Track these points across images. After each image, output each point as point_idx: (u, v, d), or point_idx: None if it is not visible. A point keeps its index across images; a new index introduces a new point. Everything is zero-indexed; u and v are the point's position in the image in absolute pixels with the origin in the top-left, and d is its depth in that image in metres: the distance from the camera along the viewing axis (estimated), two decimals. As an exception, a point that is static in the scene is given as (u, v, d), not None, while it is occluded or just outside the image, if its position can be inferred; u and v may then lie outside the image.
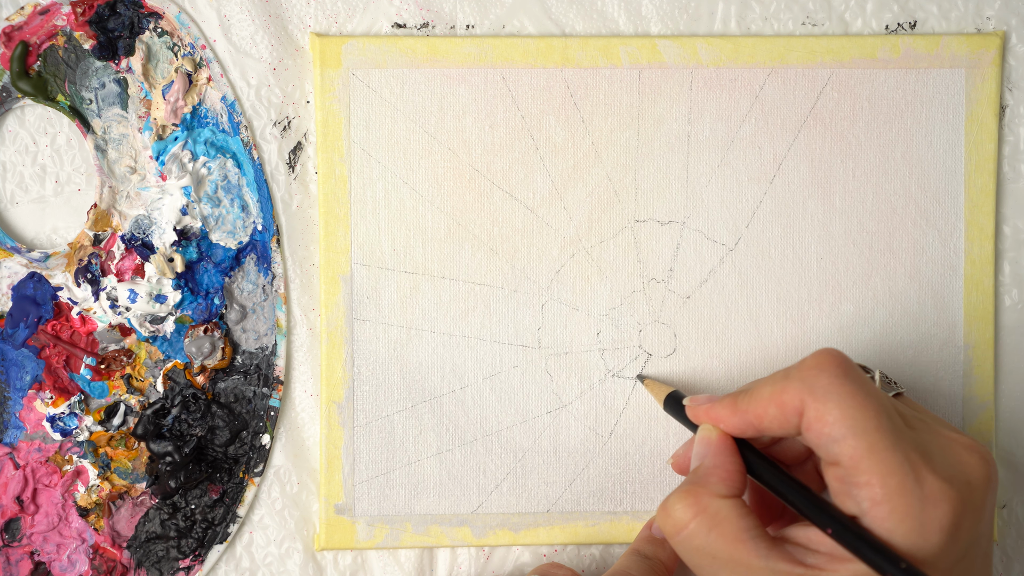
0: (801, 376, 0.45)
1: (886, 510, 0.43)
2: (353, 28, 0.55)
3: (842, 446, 0.43)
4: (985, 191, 0.56)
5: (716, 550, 0.45)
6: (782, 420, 0.45)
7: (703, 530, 0.45)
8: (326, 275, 0.55)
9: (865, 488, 0.43)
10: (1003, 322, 0.57)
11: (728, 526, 0.45)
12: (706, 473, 0.47)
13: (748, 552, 0.45)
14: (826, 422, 0.44)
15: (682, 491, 0.46)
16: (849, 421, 0.43)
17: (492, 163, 0.55)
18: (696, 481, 0.47)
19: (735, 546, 0.45)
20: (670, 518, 0.46)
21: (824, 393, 0.44)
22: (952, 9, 0.56)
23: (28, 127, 0.55)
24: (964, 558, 0.44)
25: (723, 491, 0.46)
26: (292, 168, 0.55)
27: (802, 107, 0.55)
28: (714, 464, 0.47)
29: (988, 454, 0.45)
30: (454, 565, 0.56)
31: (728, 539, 0.45)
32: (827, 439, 0.44)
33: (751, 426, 0.47)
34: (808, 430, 0.44)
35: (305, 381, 0.56)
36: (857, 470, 0.43)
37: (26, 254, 0.55)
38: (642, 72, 0.55)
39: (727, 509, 0.46)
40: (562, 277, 0.55)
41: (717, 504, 0.46)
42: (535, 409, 0.55)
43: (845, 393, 0.44)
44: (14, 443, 0.55)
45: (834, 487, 0.44)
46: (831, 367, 0.45)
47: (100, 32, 0.54)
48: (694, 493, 0.46)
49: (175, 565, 0.55)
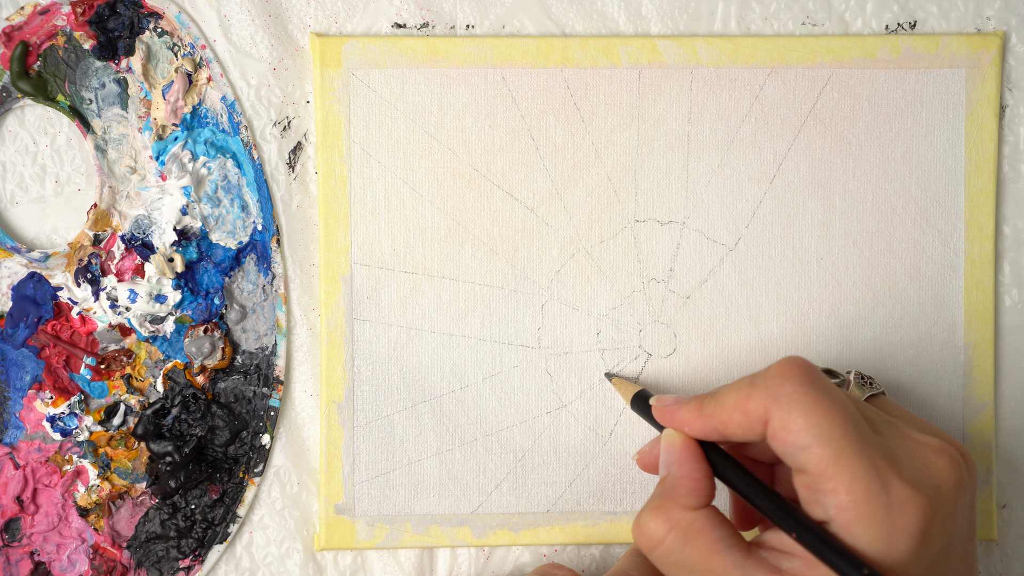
0: (766, 384, 0.45)
1: (852, 516, 0.43)
2: (353, 28, 0.55)
3: (808, 454, 0.43)
4: (985, 191, 0.56)
5: (692, 563, 0.45)
6: (747, 427, 0.45)
7: (678, 545, 0.45)
8: (326, 275, 0.55)
9: (831, 495, 0.43)
10: (1003, 322, 0.57)
11: (702, 538, 0.45)
12: (674, 485, 0.47)
13: (724, 563, 0.45)
14: (791, 431, 0.44)
15: (653, 507, 0.46)
16: (814, 429, 0.43)
17: (492, 163, 0.55)
18: (665, 495, 0.47)
19: (711, 558, 0.45)
20: (644, 535, 0.46)
21: (788, 402, 0.44)
22: (952, 9, 0.56)
23: (28, 127, 0.55)
24: (938, 561, 0.44)
25: (693, 502, 0.46)
26: (292, 168, 0.56)
27: (802, 107, 0.55)
28: (681, 474, 0.47)
29: (958, 456, 0.45)
30: (454, 565, 0.56)
31: (703, 551, 0.45)
32: (792, 447, 0.44)
33: (716, 431, 0.46)
34: (773, 438, 0.44)
35: (305, 381, 0.56)
36: (823, 477, 0.43)
37: (26, 254, 0.55)
38: (642, 72, 0.55)
39: (700, 521, 0.45)
40: (562, 277, 0.55)
41: (689, 517, 0.46)
42: (535, 409, 0.55)
43: (810, 401, 0.44)
44: (14, 443, 0.55)
45: (802, 494, 0.44)
46: (795, 375, 0.44)
47: (100, 32, 0.54)
48: (665, 508, 0.46)
49: (175, 565, 0.55)
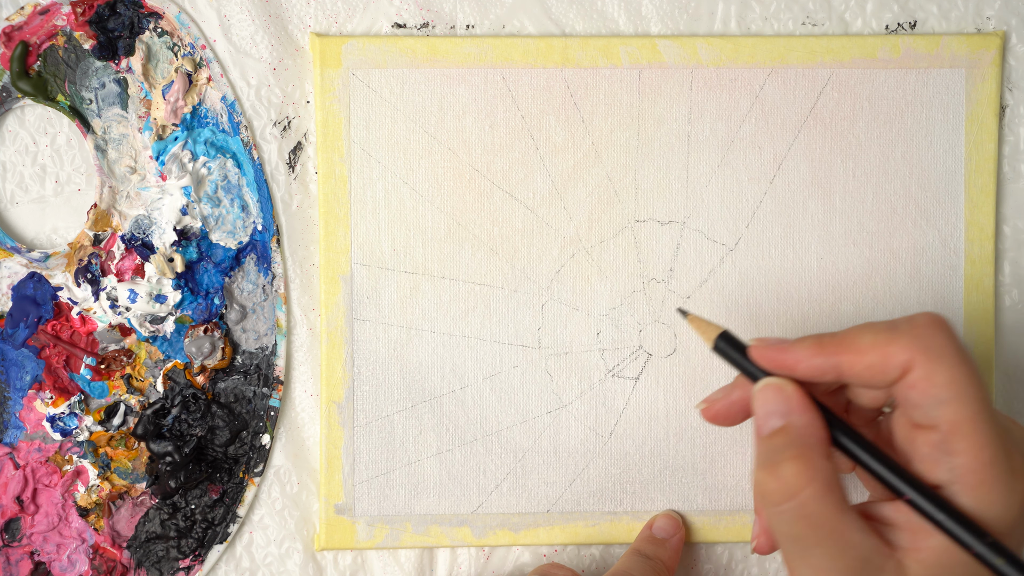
0: (913, 332, 0.43)
1: (978, 479, 0.42)
2: (353, 28, 0.55)
3: (945, 410, 0.42)
4: (985, 191, 0.56)
5: (822, 520, 0.42)
6: (879, 371, 0.43)
7: (817, 497, 0.42)
8: (326, 275, 0.55)
9: (961, 455, 0.42)
10: (1003, 322, 0.57)
11: (838, 493, 0.43)
12: (804, 433, 0.43)
13: (849, 526, 0.42)
14: (935, 383, 0.42)
15: (793, 455, 0.43)
16: (958, 386, 0.42)
17: (492, 163, 0.55)
18: (801, 444, 0.43)
19: (840, 517, 0.42)
20: (780, 486, 0.43)
21: (939, 353, 0.42)
22: (952, 9, 0.56)
23: (28, 127, 0.55)
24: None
25: (827, 454, 0.43)
26: (292, 168, 0.56)
27: (802, 107, 0.55)
28: (806, 422, 0.44)
29: None
30: (454, 565, 0.56)
31: (836, 509, 0.42)
32: (933, 400, 0.42)
33: (835, 370, 0.44)
34: (912, 388, 0.43)
35: (305, 381, 0.56)
36: (956, 435, 0.42)
37: (26, 254, 0.55)
38: (642, 72, 0.55)
39: (835, 476, 0.43)
40: (562, 277, 0.55)
41: (830, 468, 0.43)
42: (535, 409, 0.55)
43: (959, 357, 0.42)
44: (14, 443, 0.55)
45: (924, 452, 0.43)
46: (945, 328, 0.43)
47: (100, 32, 0.54)
48: (808, 457, 0.43)
49: (175, 565, 0.55)
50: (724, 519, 0.56)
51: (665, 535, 0.55)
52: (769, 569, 0.57)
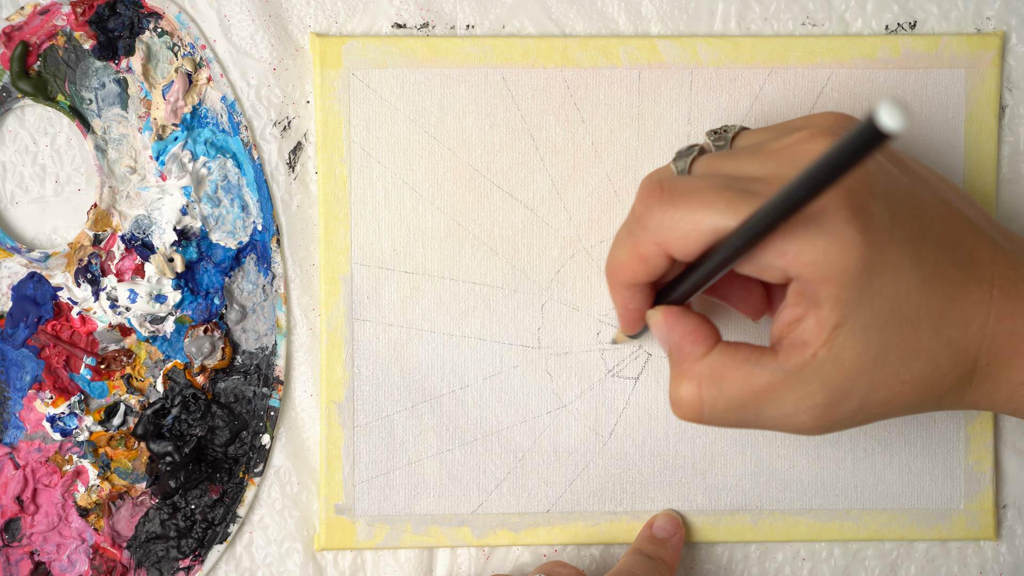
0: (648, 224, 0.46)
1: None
2: (353, 28, 0.55)
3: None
4: (985, 191, 0.56)
5: (738, 398, 0.45)
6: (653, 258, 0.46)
7: (715, 391, 0.45)
8: (326, 275, 0.55)
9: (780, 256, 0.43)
10: (1003, 322, 0.57)
11: (731, 370, 0.45)
12: (678, 348, 0.47)
13: (762, 376, 0.44)
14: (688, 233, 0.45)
15: (674, 377, 0.46)
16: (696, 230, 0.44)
17: (492, 163, 0.55)
18: (678, 362, 0.47)
19: (748, 380, 0.45)
20: (684, 406, 0.46)
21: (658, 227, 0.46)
22: (952, 9, 0.56)
23: (28, 127, 0.55)
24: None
25: (703, 349, 0.46)
26: (292, 168, 0.56)
27: (802, 107, 0.55)
28: (677, 335, 0.47)
29: (839, 120, 0.46)
30: (454, 565, 0.56)
31: (739, 380, 0.45)
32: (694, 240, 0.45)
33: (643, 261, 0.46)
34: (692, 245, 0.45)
35: (305, 381, 0.56)
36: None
37: (26, 254, 0.55)
38: (642, 72, 0.55)
39: (717, 358, 0.45)
40: (562, 277, 0.55)
41: (707, 361, 0.46)
42: (535, 409, 0.55)
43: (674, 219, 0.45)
44: (14, 443, 0.55)
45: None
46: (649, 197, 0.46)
47: (100, 32, 0.54)
48: (683, 371, 0.46)
49: (175, 565, 0.55)
50: (724, 519, 0.56)
51: (665, 535, 0.55)
52: (769, 569, 0.57)
